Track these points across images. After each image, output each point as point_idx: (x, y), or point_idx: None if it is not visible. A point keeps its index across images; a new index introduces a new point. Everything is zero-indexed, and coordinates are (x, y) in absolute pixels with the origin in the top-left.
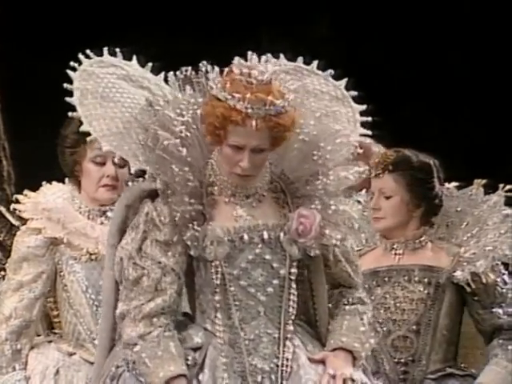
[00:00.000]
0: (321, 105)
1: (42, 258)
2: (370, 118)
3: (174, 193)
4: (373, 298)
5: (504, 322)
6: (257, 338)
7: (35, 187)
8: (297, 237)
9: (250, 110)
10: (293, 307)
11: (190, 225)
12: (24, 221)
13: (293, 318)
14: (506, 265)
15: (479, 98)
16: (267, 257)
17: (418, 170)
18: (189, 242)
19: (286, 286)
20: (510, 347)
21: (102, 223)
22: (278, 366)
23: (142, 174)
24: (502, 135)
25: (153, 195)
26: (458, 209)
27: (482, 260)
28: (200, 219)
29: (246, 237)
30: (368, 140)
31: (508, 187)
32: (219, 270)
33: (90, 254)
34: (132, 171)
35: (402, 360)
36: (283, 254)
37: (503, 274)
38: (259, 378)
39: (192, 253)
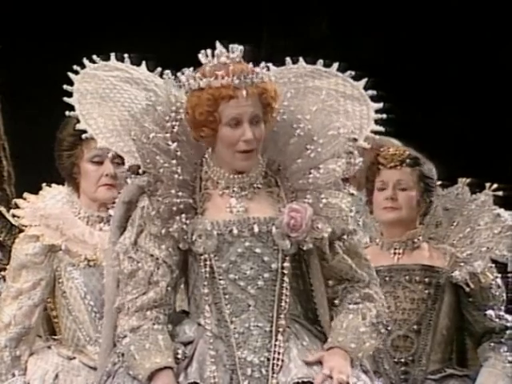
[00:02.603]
0: (321, 101)
1: (40, 265)
2: (384, 116)
3: (161, 186)
4: None
5: (496, 325)
6: (247, 332)
7: (35, 187)
8: (288, 231)
9: (237, 81)
10: (285, 301)
11: (178, 217)
12: (24, 225)
13: (286, 312)
14: (504, 265)
15: (466, 96)
16: (258, 250)
17: (427, 168)
18: (176, 235)
19: (278, 280)
20: (502, 350)
21: (100, 229)
22: (268, 359)
23: (136, 169)
24: (488, 135)
25: None
26: (447, 208)
27: (480, 260)
28: (190, 212)
29: (235, 230)
30: (378, 137)
31: (494, 186)
32: (208, 263)
33: (89, 261)
34: (126, 167)
35: (402, 360)
36: (275, 248)
37: (496, 276)
38: (249, 371)
39: (181, 246)
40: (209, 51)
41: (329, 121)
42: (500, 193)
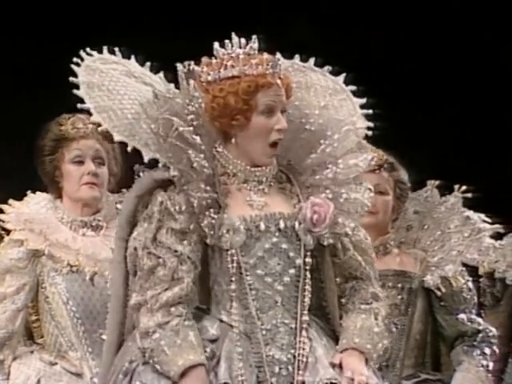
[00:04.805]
0: (323, 97)
1: (24, 270)
2: (370, 111)
3: (189, 180)
4: None
5: (468, 328)
6: (274, 328)
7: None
8: (312, 226)
9: (271, 70)
10: (308, 297)
11: (207, 212)
12: (8, 230)
13: (307, 307)
14: (475, 269)
15: (467, 96)
16: (284, 246)
17: (402, 174)
18: (206, 230)
19: (301, 276)
20: (475, 354)
21: (83, 234)
22: (294, 356)
23: (154, 163)
24: (488, 135)
25: (165, 185)
26: (417, 211)
27: (451, 264)
28: (216, 207)
29: (262, 225)
30: None
31: (463, 188)
32: (235, 258)
33: (71, 266)
34: (145, 160)
35: (377, 365)
36: (298, 244)
37: (468, 280)
38: (276, 369)
39: (208, 241)
40: (226, 41)
41: (340, 116)
42: (469, 195)
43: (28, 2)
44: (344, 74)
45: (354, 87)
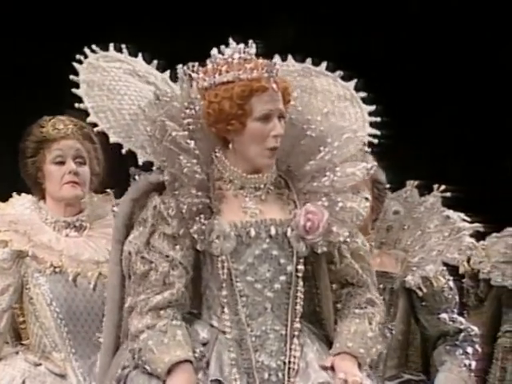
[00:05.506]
0: (328, 103)
1: (8, 271)
2: (379, 119)
3: (181, 185)
4: None
5: (450, 328)
6: (263, 335)
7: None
8: (304, 234)
9: (266, 74)
10: (300, 304)
11: (197, 218)
12: None
13: (300, 315)
14: (455, 268)
15: (466, 96)
16: (275, 252)
17: (380, 174)
18: (195, 236)
19: (292, 283)
20: (457, 353)
21: (67, 235)
22: (284, 363)
23: (150, 166)
24: (488, 135)
25: (160, 188)
26: (397, 211)
27: (431, 264)
28: (207, 213)
29: (252, 232)
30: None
31: (442, 187)
32: (225, 264)
33: (55, 267)
34: (140, 163)
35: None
36: (290, 251)
37: (448, 279)
38: (266, 375)
39: (198, 247)
40: (222, 47)
41: (342, 123)
42: (448, 194)
43: (28, 2)
44: (355, 80)
45: (364, 94)
